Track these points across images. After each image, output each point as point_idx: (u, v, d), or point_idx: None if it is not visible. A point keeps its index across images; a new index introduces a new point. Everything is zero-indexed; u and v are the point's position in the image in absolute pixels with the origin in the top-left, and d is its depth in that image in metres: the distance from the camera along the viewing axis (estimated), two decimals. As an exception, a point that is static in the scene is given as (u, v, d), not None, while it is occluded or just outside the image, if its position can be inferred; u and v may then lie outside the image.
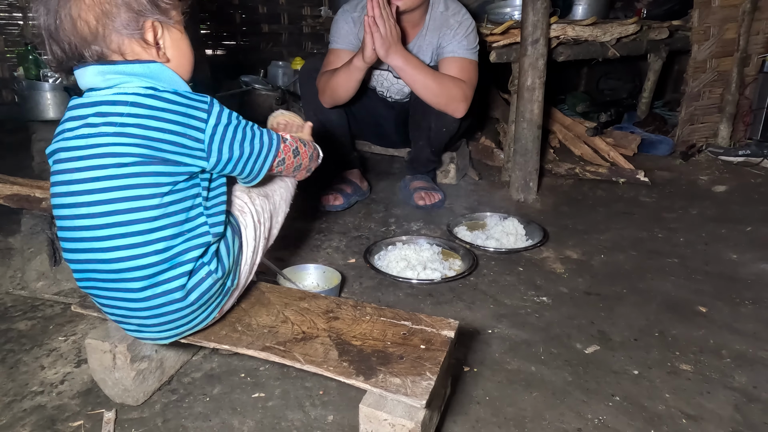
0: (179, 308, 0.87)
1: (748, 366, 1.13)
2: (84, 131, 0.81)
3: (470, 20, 1.88)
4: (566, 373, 1.11)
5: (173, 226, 0.84)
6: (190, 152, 0.83)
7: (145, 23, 0.83)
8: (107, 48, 0.82)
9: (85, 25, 0.79)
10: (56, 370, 1.13)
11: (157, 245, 0.82)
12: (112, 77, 0.82)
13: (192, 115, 0.83)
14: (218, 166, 0.87)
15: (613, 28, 2.42)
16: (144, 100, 0.80)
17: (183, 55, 0.91)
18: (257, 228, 1.03)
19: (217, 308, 0.94)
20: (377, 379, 0.81)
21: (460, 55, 1.84)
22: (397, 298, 1.41)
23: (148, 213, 0.81)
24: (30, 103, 2.76)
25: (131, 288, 0.84)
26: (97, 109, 0.81)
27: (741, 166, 2.50)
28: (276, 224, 1.12)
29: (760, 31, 2.55)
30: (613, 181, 2.31)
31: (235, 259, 0.95)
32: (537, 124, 2.03)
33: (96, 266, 0.84)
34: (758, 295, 1.42)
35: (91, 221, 0.81)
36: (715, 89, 2.65)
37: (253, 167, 0.93)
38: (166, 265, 0.84)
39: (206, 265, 0.88)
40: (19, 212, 1.76)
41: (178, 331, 0.91)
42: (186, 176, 0.84)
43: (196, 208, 0.87)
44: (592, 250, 1.69)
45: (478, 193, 2.23)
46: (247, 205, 1.03)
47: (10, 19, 2.69)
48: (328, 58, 1.95)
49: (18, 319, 1.31)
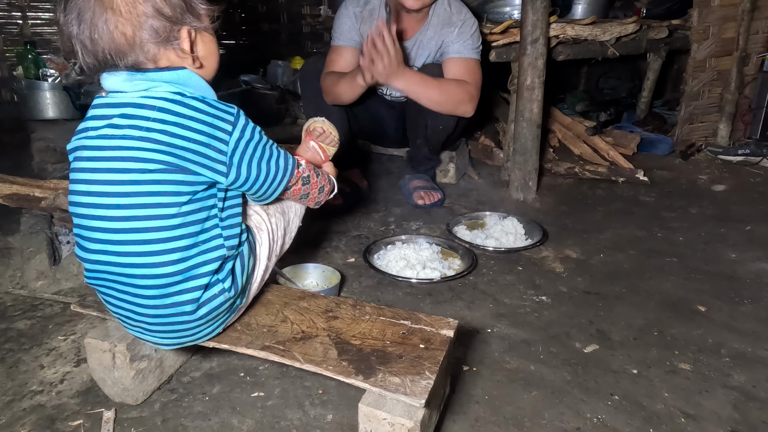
0: (187, 321, 0.86)
1: (747, 365, 1.14)
2: (108, 131, 0.80)
3: (473, 19, 1.88)
4: (565, 372, 1.12)
5: (189, 237, 0.82)
6: (212, 164, 0.82)
7: (181, 32, 0.82)
8: (144, 57, 0.81)
9: (122, 36, 0.78)
10: (56, 370, 1.13)
11: (172, 255, 0.81)
12: (140, 83, 0.81)
13: (218, 126, 0.82)
14: (236, 183, 0.86)
15: (612, 28, 2.42)
16: (171, 106, 0.80)
17: (214, 59, 0.91)
18: (271, 246, 1.01)
19: (222, 324, 0.93)
20: (376, 378, 0.82)
21: (465, 56, 1.84)
22: (397, 298, 1.41)
23: (166, 221, 0.80)
24: (29, 103, 2.75)
25: (142, 295, 0.84)
26: (124, 110, 0.80)
27: (740, 165, 2.50)
28: (288, 241, 1.11)
29: (760, 30, 2.55)
30: (612, 181, 2.32)
31: (247, 277, 0.94)
32: (536, 124, 2.03)
33: (108, 268, 0.84)
34: (757, 294, 1.42)
35: (109, 224, 0.81)
36: (715, 88, 2.65)
37: (267, 189, 0.92)
38: (180, 277, 0.83)
39: (221, 282, 0.87)
40: (18, 211, 1.76)
41: (181, 341, 0.92)
42: (205, 186, 0.83)
43: (212, 219, 0.86)
44: (591, 250, 1.69)
45: (477, 192, 2.23)
46: (264, 222, 1.01)
47: (10, 18, 2.69)
48: (331, 55, 1.94)
49: (17, 318, 1.31)
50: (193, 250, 0.83)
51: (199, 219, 0.84)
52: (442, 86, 1.79)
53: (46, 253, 1.50)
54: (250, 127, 0.86)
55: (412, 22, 1.88)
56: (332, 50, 1.93)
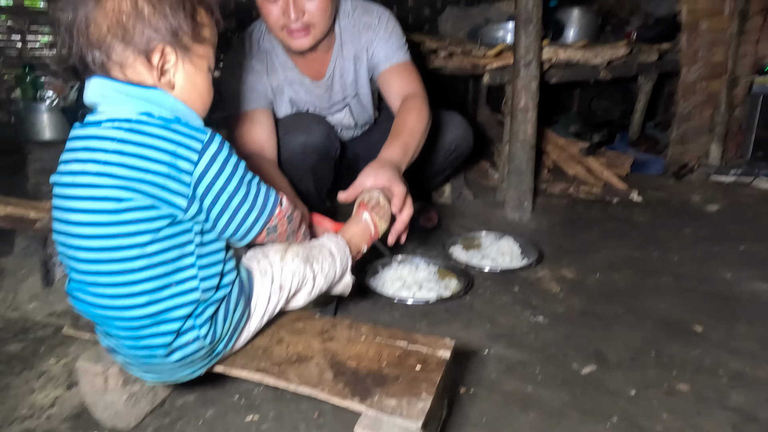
0: (161, 363, 0.84)
1: (745, 386, 1.13)
2: (73, 167, 0.77)
3: (386, 13, 1.60)
4: (563, 393, 1.11)
5: (157, 278, 0.77)
6: (171, 196, 0.75)
7: (156, 45, 0.78)
8: (109, 58, 0.77)
9: (96, 28, 0.76)
10: (46, 393, 1.11)
11: (139, 298, 0.77)
12: (111, 95, 0.78)
13: (180, 154, 0.75)
14: (197, 217, 0.79)
15: (603, 51, 2.47)
16: (130, 135, 0.75)
17: (195, 90, 0.84)
18: (273, 299, 0.92)
19: (203, 369, 0.89)
20: (372, 400, 0.81)
21: (396, 61, 1.58)
22: (393, 318, 1.40)
23: (129, 264, 0.76)
24: (26, 124, 2.76)
25: (116, 335, 0.82)
26: (87, 143, 0.77)
27: (733, 185, 2.52)
28: (302, 297, 0.98)
29: (747, 54, 2.61)
30: (607, 201, 2.33)
31: (233, 325, 0.87)
32: (531, 145, 2.05)
33: (83, 306, 0.82)
34: (753, 313, 1.42)
35: (78, 265, 0.79)
36: (705, 110, 2.69)
37: (237, 230, 0.82)
38: (149, 321, 0.78)
39: (196, 328, 0.81)
40: (12, 233, 1.75)
41: (162, 380, 0.90)
42: (168, 221, 0.77)
43: (186, 258, 0.79)
44: (587, 270, 1.69)
45: (473, 212, 2.24)
46: (271, 268, 0.91)
47: (9, 42, 2.72)
48: (243, 126, 1.50)
49: (9, 341, 1.30)
50: (164, 292, 0.78)
51: (168, 259, 0.77)
52: (414, 132, 1.42)
53: (39, 274, 1.49)
54: (224, 155, 0.78)
55: (321, 52, 1.57)
56: (244, 119, 1.52)
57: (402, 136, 1.38)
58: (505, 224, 2.09)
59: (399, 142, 1.36)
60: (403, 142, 1.37)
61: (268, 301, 0.92)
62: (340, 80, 1.65)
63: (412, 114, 1.45)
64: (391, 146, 1.35)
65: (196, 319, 0.81)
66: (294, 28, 1.40)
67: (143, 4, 0.77)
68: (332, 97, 1.70)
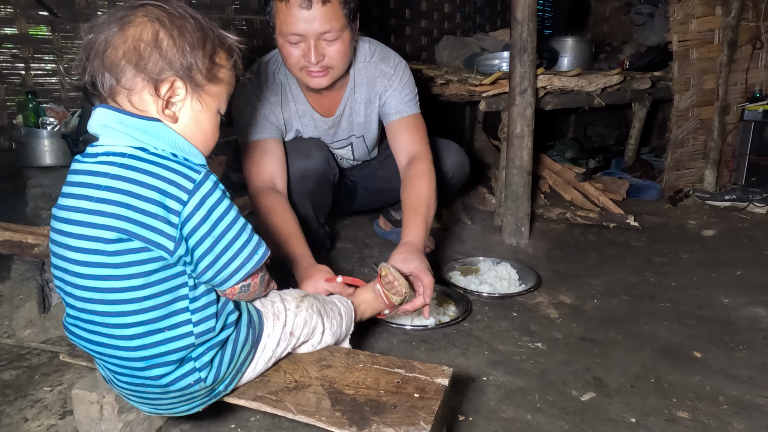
0: (158, 398, 0.84)
1: (746, 412, 1.12)
2: (69, 202, 0.78)
3: (402, 63, 1.65)
4: (563, 421, 1.10)
5: (148, 323, 0.76)
6: (158, 237, 0.74)
7: (167, 77, 0.78)
8: (118, 81, 0.77)
9: (113, 51, 0.76)
10: (40, 422, 1.09)
11: (132, 342, 0.77)
12: (111, 126, 0.77)
13: (170, 193, 0.74)
14: (186, 257, 0.77)
15: (597, 79, 2.52)
16: (123, 172, 0.74)
17: (198, 128, 0.83)
18: (284, 341, 0.92)
19: (201, 406, 0.89)
20: (370, 429, 0.80)
21: (406, 113, 1.61)
22: (391, 345, 1.39)
23: (121, 307, 0.75)
24: (27, 149, 2.78)
25: (112, 370, 0.82)
26: (82, 178, 0.77)
27: (728, 210, 2.54)
28: (306, 348, 0.99)
29: (738, 81, 2.66)
30: (603, 226, 2.34)
31: (237, 366, 0.86)
32: (527, 170, 2.07)
33: (81, 334, 0.82)
34: (752, 339, 1.42)
35: (76, 302, 0.79)
36: (699, 136, 2.73)
37: (215, 275, 0.79)
38: (143, 364, 0.78)
39: (197, 371, 0.80)
40: (9, 258, 1.74)
41: (159, 413, 0.90)
42: (161, 263, 0.76)
43: (180, 302, 0.78)
44: (585, 295, 1.69)
45: (470, 237, 2.25)
46: (285, 312, 0.92)
47: (13, 69, 2.76)
48: (253, 155, 1.52)
49: (3, 368, 1.28)
50: (156, 337, 0.77)
51: (161, 303, 0.76)
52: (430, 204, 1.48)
53: (36, 300, 1.48)
54: (215, 197, 0.77)
55: (334, 90, 1.59)
56: (254, 148, 1.54)
57: (421, 213, 1.44)
58: (503, 249, 2.10)
59: (419, 221, 1.42)
60: (423, 221, 1.43)
61: (277, 345, 0.92)
62: (348, 119, 1.69)
63: (424, 183, 1.50)
64: (413, 227, 1.41)
65: (196, 362, 0.81)
66: (313, 70, 1.44)
67: (164, 36, 0.78)
68: (337, 134, 1.74)
